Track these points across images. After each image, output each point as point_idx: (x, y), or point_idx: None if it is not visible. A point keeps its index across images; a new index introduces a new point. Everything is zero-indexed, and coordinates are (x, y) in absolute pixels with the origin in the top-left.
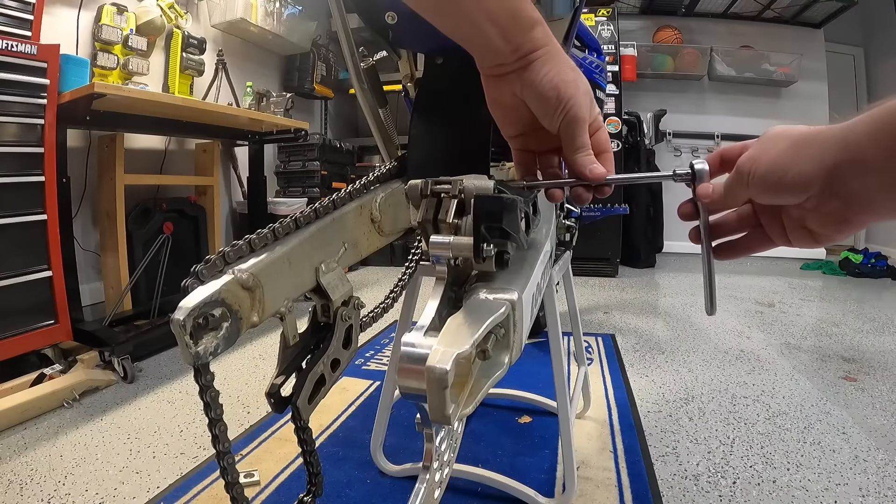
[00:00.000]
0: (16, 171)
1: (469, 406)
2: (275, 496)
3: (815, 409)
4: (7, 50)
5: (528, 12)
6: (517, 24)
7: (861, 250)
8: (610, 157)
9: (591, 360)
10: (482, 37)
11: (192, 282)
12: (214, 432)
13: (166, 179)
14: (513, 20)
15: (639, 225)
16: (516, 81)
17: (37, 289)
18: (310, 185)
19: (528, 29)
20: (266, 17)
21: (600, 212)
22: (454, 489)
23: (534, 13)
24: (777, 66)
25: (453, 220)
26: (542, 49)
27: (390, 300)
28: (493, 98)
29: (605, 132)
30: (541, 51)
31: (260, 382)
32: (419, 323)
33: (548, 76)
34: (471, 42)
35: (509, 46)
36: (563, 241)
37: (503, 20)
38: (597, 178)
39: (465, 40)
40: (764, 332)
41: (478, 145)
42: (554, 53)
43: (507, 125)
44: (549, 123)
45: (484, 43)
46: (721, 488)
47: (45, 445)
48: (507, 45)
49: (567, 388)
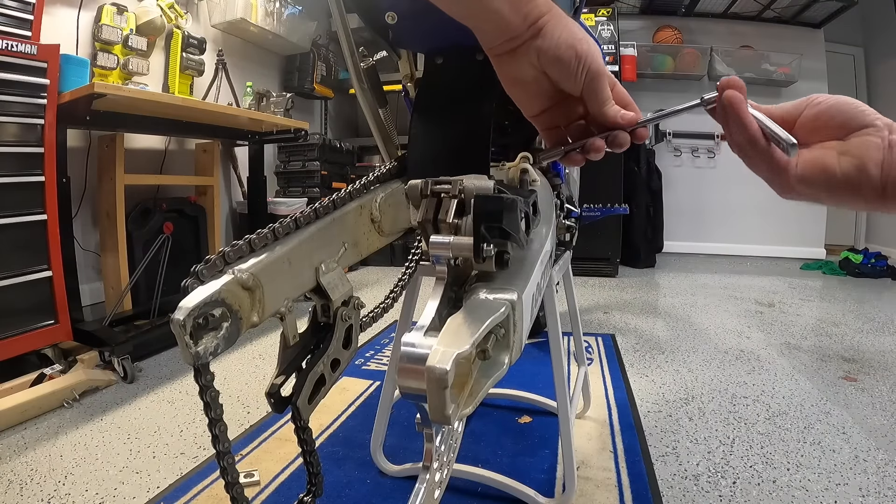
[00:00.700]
0: (16, 171)
1: (469, 406)
2: (275, 496)
3: (815, 409)
4: (7, 50)
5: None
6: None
7: (861, 250)
8: (634, 106)
9: (591, 360)
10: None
11: (192, 282)
12: (214, 432)
13: (166, 179)
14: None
15: (639, 225)
16: (532, 51)
17: (37, 289)
18: (310, 185)
19: None
20: (266, 17)
21: (600, 212)
22: (454, 489)
23: None
24: (777, 66)
25: (453, 220)
26: (548, 14)
27: (390, 300)
28: (510, 77)
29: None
30: (548, 15)
31: (260, 382)
32: (419, 323)
33: (562, 37)
34: (480, 20)
35: (519, 16)
36: (563, 241)
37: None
38: (630, 123)
39: (474, 19)
40: (764, 332)
41: (478, 145)
42: (559, 14)
43: (529, 102)
44: (572, 85)
45: (494, 19)
46: (721, 488)
47: (45, 445)
48: (517, 15)
49: (567, 388)
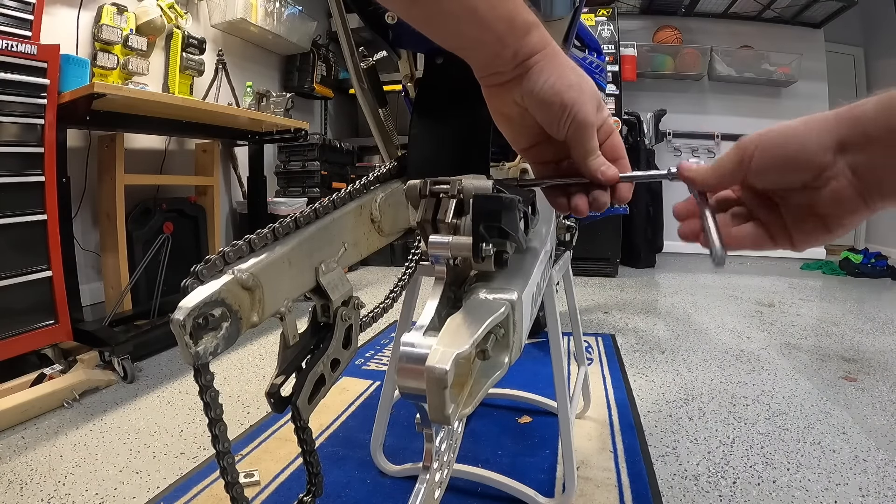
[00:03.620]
0: (16, 171)
1: (469, 406)
2: (275, 496)
3: (815, 409)
4: (7, 50)
5: (523, 16)
6: (513, 30)
7: (861, 250)
8: (625, 163)
9: (591, 360)
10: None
11: (192, 282)
12: (214, 432)
13: (166, 179)
14: (508, 25)
15: (639, 225)
16: (516, 90)
17: (37, 289)
18: (310, 185)
19: (525, 33)
20: (266, 17)
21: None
22: (454, 489)
23: (529, 16)
24: (777, 66)
25: (452, 220)
26: (540, 53)
27: (390, 300)
28: (496, 109)
29: (617, 136)
30: (539, 55)
31: (260, 382)
32: (419, 323)
33: (548, 82)
34: (465, 51)
35: (507, 53)
36: (563, 241)
37: (498, 26)
38: (610, 180)
39: (459, 49)
40: (764, 332)
41: (477, 145)
42: (553, 56)
43: (516, 137)
44: (556, 132)
45: (479, 51)
46: (721, 488)
47: (45, 445)
48: (506, 50)
49: (567, 388)
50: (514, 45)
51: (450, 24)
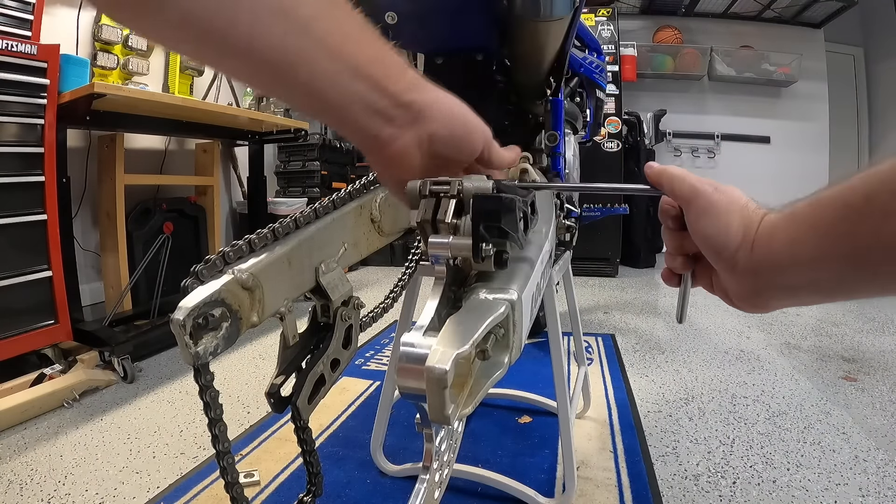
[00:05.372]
0: (16, 171)
1: (469, 406)
2: (275, 496)
3: (815, 409)
4: (7, 50)
5: (394, 56)
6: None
7: None
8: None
9: (591, 360)
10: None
11: (192, 282)
12: (214, 432)
13: (166, 179)
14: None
15: (639, 225)
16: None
17: (37, 289)
18: (310, 185)
19: (402, 73)
20: None
21: (600, 212)
22: (454, 489)
23: (397, 55)
24: (777, 66)
25: (452, 221)
26: (421, 89)
27: (390, 300)
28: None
29: None
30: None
31: (260, 382)
32: (418, 323)
33: (451, 113)
34: (340, 109)
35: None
36: (563, 241)
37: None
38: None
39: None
40: (764, 332)
41: None
42: (430, 87)
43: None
44: (468, 155)
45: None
46: (721, 488)
47: (45, 445)
48: (385, 98)
49: (567, 388)
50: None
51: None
